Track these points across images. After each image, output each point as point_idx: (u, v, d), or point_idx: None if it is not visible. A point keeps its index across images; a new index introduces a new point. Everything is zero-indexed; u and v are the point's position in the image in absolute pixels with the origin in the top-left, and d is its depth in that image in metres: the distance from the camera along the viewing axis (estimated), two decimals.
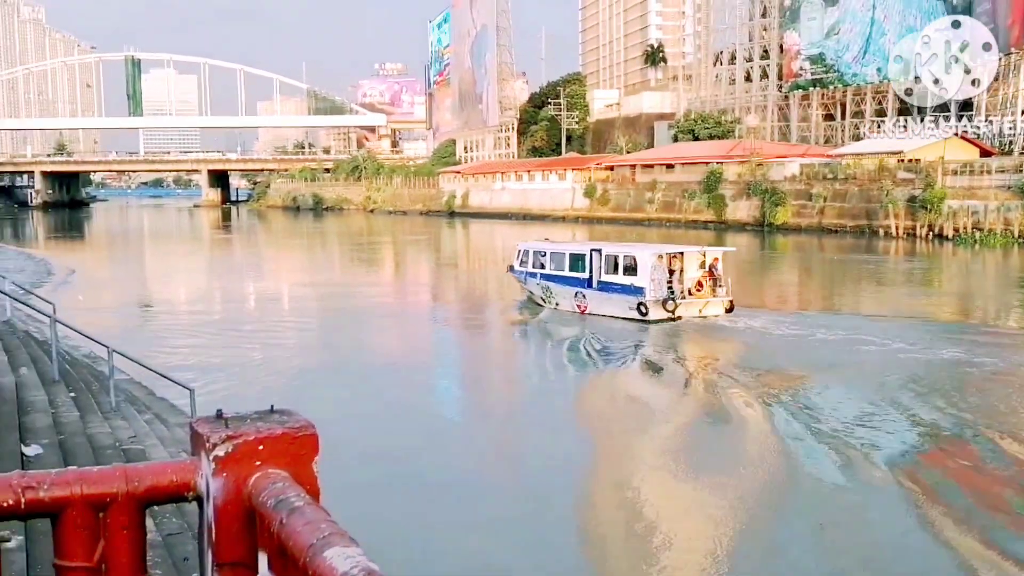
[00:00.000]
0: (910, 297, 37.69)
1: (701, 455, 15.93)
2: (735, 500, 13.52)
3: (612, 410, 19.64)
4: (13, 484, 1.78)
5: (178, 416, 14.78)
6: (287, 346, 26.60)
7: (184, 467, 1.90)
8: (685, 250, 29.59)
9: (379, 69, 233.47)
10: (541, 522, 12.79)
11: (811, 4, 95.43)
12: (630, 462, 15.91)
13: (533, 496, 13.89)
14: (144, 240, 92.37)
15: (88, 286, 42.38)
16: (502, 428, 18.63)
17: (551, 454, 16.17)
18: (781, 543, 12.21)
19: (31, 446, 9.37)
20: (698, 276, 28.74)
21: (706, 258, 29.30)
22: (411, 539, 11.76)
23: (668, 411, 19.24)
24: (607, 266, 29.18)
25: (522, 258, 32.71)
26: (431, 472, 14.98)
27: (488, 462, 16.21)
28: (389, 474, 14.54)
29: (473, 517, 12.92)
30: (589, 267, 29.60)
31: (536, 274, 31.78)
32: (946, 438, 16.54)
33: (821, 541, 12.34)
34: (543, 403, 20.34)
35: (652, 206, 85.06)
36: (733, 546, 12.03)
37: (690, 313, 27.80)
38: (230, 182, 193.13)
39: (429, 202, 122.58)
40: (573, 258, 30.44)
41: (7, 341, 15.99)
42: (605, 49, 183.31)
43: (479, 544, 11.97)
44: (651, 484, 14.65)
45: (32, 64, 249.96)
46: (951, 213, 60.03)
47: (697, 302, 28.09)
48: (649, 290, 27.68)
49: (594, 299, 29.35)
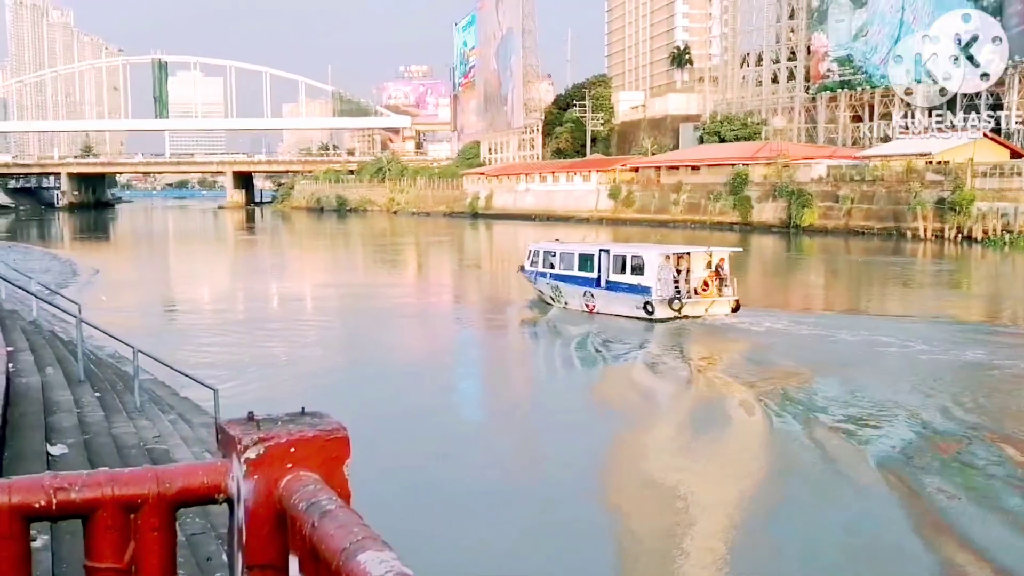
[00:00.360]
0: (936, 299, 37.24)
1: (710, 450, 16.13)
2: (750, 495, 13.69)
3: (621, 408, 19.74)
4: (45, 485, 1.77)
5: (201, 416, 14.75)
6: (310, 346, 26.55)
7: (215, 469, 1.88)
8: (692, 250, 29.96)
9: (404, 71, 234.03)
10: (560, 521, 12.81)
11: (839, 5, 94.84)
12: (642, 460, 15.98)
13: (551, 495, 13.96)
14: (168, 241, 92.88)
15: (112, 286, 42.52)
16: (515, 426, 18.70)
17: (566, 452, 16.34)
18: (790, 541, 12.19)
19: (56, 446, 9.38)
20: (704, 276, 28.91)
21: (712, 258, 29.40)
22: (435, 539, 11.60)
23: (676, 408, 19.56)
24: (615, 266, 29.53)
25: (532, 259, 33.12)
26: (450, 472, 14.91)
27: (503, 460, 16.20)
28: (409, 475, 14.38)
29: (493, 517, 12.92)
30: (597, 267, 30.05)
31: (546, 274, 32.22)
32: (951, 436, 16.45)
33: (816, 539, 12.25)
34: (554, 401, 20.64)
35: (677, 208, 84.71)
36: (754, 544, 12.06)
37: (696, 312, 28.11)
38: (254, 184, 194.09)
39: (452, 204, 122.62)
40: (582, 258, 30.86)
41: (33, 341, 16.03)
42: (631, 51, 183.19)
43: (502, 545, 11.84)
44: (667, 480, 14.73)
45: (60, 67, 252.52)
46: (980, 215, 59.38)
47: (703, 301, 28.37)
48: (655, 290, 28.06)
49: (602, 298, 29.79)
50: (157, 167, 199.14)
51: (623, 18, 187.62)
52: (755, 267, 51.01)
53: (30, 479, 1.80)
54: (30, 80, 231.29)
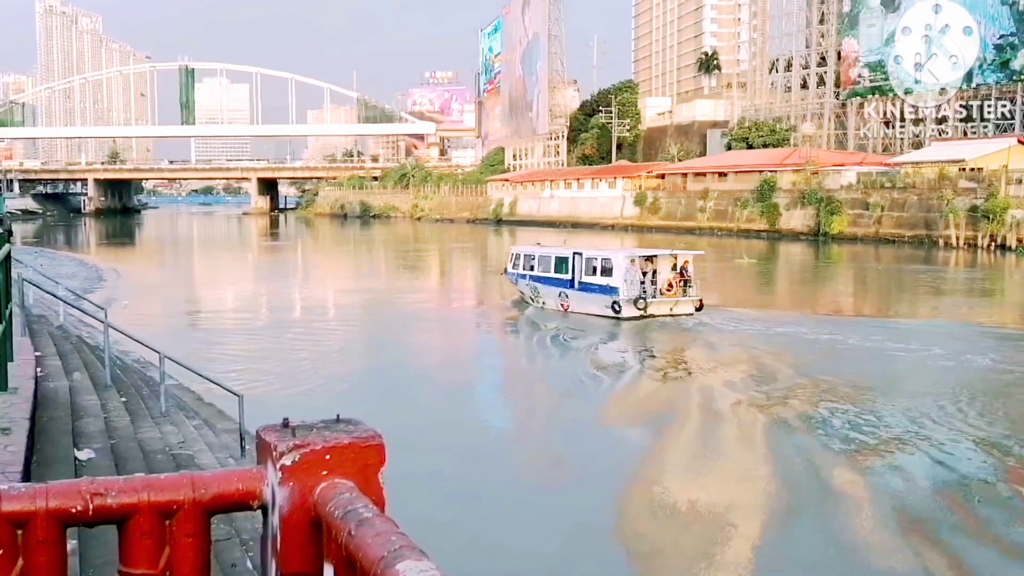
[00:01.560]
0: (967, 307, 36.73)
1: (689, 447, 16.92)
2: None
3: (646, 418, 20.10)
4: (82, 490, 1.79)
5: (226, 422, 14.79)
6: (334, 351, 26.46)
7: (250, 475, 1.90)
8: (658, 253, 32.49)
9: (429, 77, 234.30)
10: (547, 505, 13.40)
11: (870, 10, 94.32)
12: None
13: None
14: (193, 246, 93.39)
15: (137, 292, 42.81)
16: (525, 430, 19.15)
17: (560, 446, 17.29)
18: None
19: (84, 450, 9.40)
20: (670, 278, 30.81)
21: (677, 261, 31.60)
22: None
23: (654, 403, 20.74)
24: (587, 268, 31.56)
25: (514, 261, 35.38)
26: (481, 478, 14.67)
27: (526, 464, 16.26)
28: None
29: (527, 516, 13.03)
30: (571, 269, 32.11)
31: (526, 276, 34.43)
32: (893, 434, 16.88)
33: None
34: (538, 394, 22.44)
35: (704, 215, 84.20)
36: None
37: (661, 311, 30.01)
38: (279, 190, 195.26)
39: (476, 210, 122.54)
40: (558, 261, 33.00)
41: (60, 346, 16.19)
42: (658, 57, 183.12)
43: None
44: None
45: (89, 74, 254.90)
46: (1015, 223, 58.56)
47: (668, 301, 30.29)
48: (623, 290, 29.99)
49: (575, 298, 31.80)
50: (183, 173, 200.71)
51: (650, 23, 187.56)
52: (783, 274, 50.86)
53: (67, 484, 1.80)
54: (59, 87, 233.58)
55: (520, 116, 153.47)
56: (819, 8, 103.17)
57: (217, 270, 62.22)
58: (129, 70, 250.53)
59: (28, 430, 8.00)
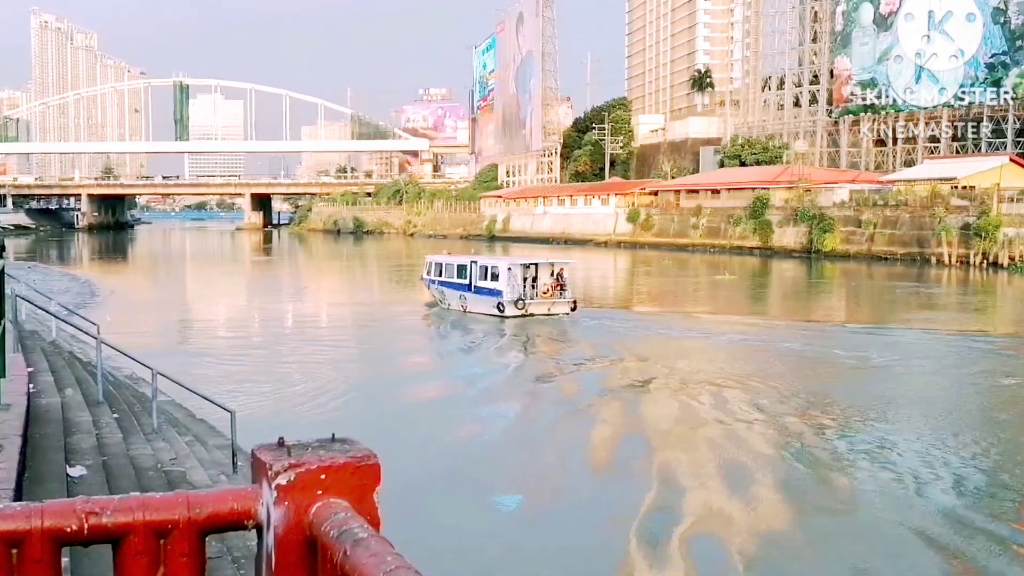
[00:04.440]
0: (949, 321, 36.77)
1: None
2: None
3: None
4: (77, 510, 1.78)
5: (217, 438, 14.79)
6: (325, 366, 26.34)
7: (245, 495, 1.88)
8: (539, 262, 37.07)
9: (423, 94, 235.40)
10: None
11: (863, 29, 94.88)
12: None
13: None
14: (186, 262, 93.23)
15: (129, 307, 42.79)
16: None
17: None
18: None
19: (75, 467, 9.40)
20: (549, 282, 35.86)
21: (555, 268, 36.55)
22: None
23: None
24: (480, 274, 36.35)
25: (428, 269, 40.41)
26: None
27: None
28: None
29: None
30: (469, 275, 36.89)
31: (435, 281, 39.48)
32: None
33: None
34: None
35: (696, 232, 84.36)
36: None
37: (540, 311, 34.81)
38: (272, 205, 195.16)
39: (469, 226, 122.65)
40: (459, 268, 37.91)
41: (53, 362, 16.14)
42: (651, 74, 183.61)
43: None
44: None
45: (83, 89, 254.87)
46: (1007, 241, 58.77)
47: (546, 302, 35.20)
48: (506, 293, 34.85)
49: (471, 300, 36.63)
50: (176, 189, 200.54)
51: (643, 41, 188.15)
52: (738, 288, 51.96)
53: (62, 503, 1.79)
54: (53, 103, 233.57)
55: (513, 133, 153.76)
56: (812, 27, 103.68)
57: (210, 286, 62.10)
58: (124, 86, 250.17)
59: (20, 446, 7.98)
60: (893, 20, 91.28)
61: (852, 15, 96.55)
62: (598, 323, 34.30)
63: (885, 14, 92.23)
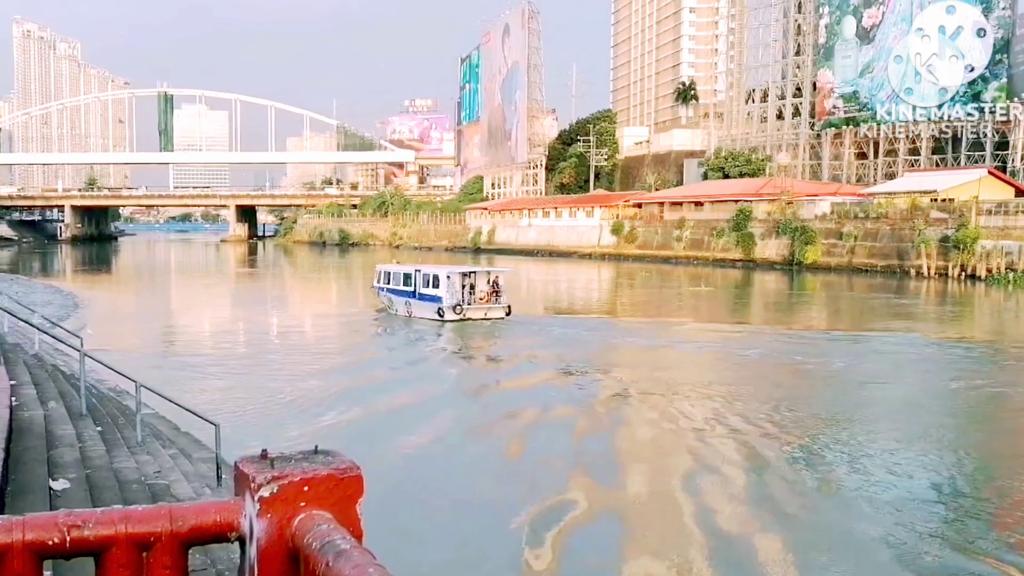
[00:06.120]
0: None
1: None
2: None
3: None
4: (59, 523, 1.78)
5: (202, 451, 14.74)
6: (310, 378, 26.26)
7: (228, 507, 1.89)
8: (476, 270, 40.52)
9: (409, 106, 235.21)
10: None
11: (845, 42, 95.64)
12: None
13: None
14: (170, 274, 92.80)
15: (113, 319, 42.68)
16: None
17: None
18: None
19: (58, 480, 9.32)
20: (486, 289, 38.59)
21: (491, 276, 39.52)
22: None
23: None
24: (423, 282, 38.82)
25: (378, 278, 43.16)
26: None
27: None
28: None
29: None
30: (414, 283, 39.45)
31: (384, 289, 42.15)
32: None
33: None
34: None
35: (680, 244, 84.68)
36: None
37: (477, 316, 37.33)
38: (257, 217, 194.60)
39: (455, 238, 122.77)
40: (405, 276, 40.47)
41: (36, 375, 15.99)
42: (636, 86, 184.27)
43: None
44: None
45: (66, 99, 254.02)
46: (984, 253, 59.28)
47: (482, 308, 37.80)
48: (445, 299, 37.36)
49: (415, 306, 39.08)
50: (160, 200, 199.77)
51: (628, 53, 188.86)
52: (703, 298, 52.86)
53: (44, 516, 1.79)
54: (36, 113, 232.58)
55: (499, 145, 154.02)
56: (795, 40, 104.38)
57: (194, 298, 61.91)
58: (107, 96, 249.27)
59: (2, 460, 7.99)
60: (875, 33, 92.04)
61: (835, 28, 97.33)
62: (570, 331, 36.34)
63: (867, 27, 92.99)
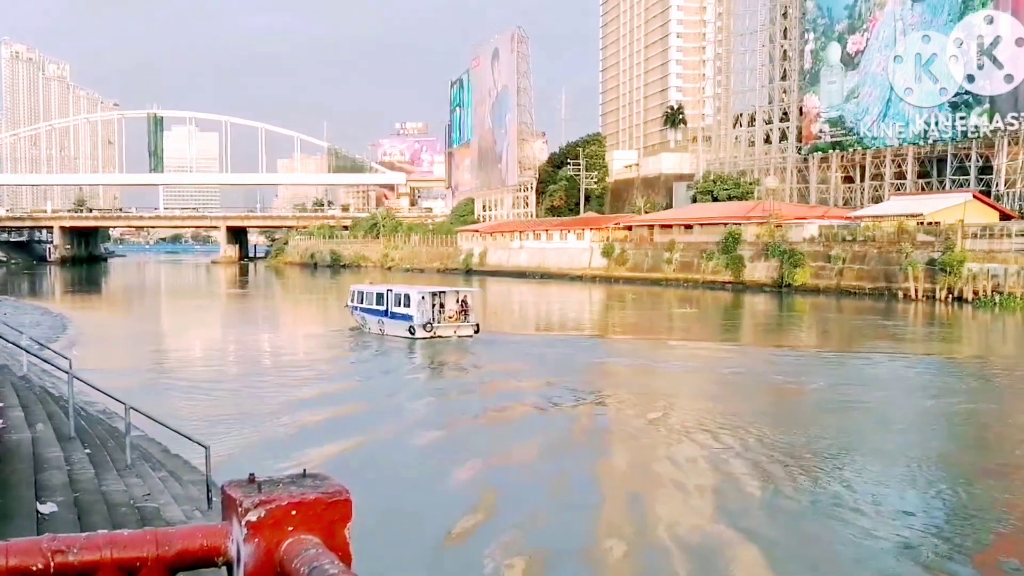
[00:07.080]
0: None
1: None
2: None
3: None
4: (43, 548, 1.73)
5: (192, 474, 14.69)
6: (301, 399, 26.35)
7: (215, 531, 1.84)
8: (446, 290, 41.60)
9: (400, 128, 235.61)
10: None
11: (831, 68, 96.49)
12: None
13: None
14: (160, 296, 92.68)
15: (102, 341, 42.65)
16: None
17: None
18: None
19: (46, 504, 9.28)
20: (455, 308, 40.18)
21: (459, 296, 41.13)
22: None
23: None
24: (395, 301, 40.49)
25: (352, 297, 44.77)
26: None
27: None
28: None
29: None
30: (386, 302, 41.07)
31: (357, 308, 43.71)
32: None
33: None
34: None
35: (670, 266, 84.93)
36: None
37: (446, 334, 39.00)
38: (248, 239, 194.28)
39: (446, 260, 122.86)
40: (378, 296, 42.06)
41: (24, 397, 15.85)
42: (625, 110, 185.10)
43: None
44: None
45: (56, 120, 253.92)
46: (971, 276, 59.66)
47: (452, 326, 39.41)
48: (416, 317, 39.05)
49: (388, 324, 40.72)
50: (150, 221, 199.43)
51: (617, 78, 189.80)
52: (679, 318, 54.72)
53: (28, 541, 1.76)
54: (25, 134, 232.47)
55: (489, 167, 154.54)
56: (781, 65, 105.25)
57: (184, 320, 61.82)
58: (97, 117, 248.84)
59: None
60: (860, 59, 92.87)
61: (820, 54, 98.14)
62: (559, 350, 38.20)
63: (852, 53, 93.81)
